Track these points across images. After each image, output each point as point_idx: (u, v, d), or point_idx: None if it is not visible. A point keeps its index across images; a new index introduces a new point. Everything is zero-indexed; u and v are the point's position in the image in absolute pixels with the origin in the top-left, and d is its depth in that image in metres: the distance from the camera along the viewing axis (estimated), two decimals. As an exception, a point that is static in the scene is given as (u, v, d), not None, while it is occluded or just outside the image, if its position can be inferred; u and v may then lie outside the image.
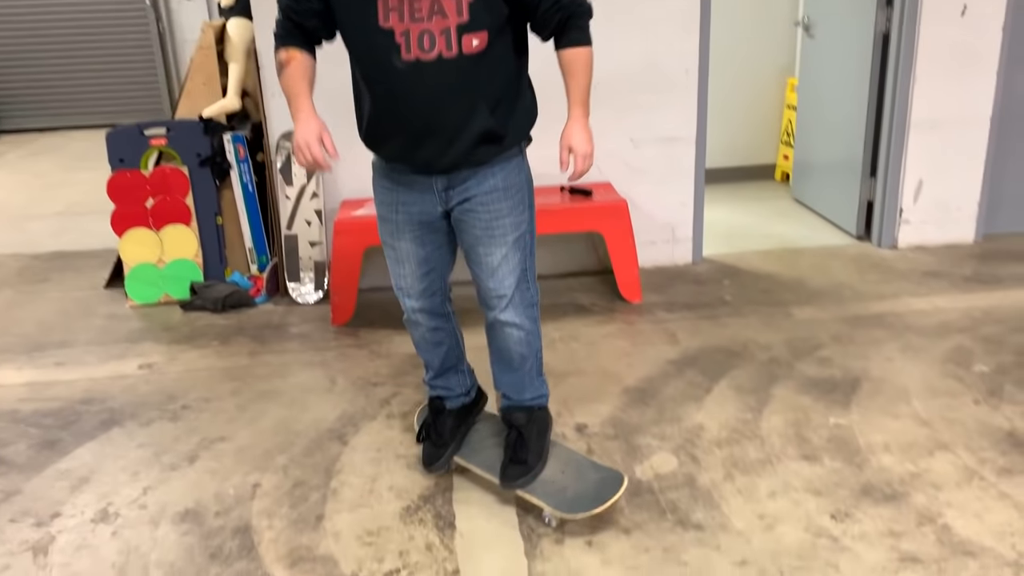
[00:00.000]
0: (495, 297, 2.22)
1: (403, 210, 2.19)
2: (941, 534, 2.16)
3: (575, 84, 2.10)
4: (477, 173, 2.11)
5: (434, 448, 2.46)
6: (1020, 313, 3.48)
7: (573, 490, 2.26)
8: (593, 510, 2.18)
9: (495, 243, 2.16)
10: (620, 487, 2.23)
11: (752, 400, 2.86)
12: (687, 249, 4.15)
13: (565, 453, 2.44)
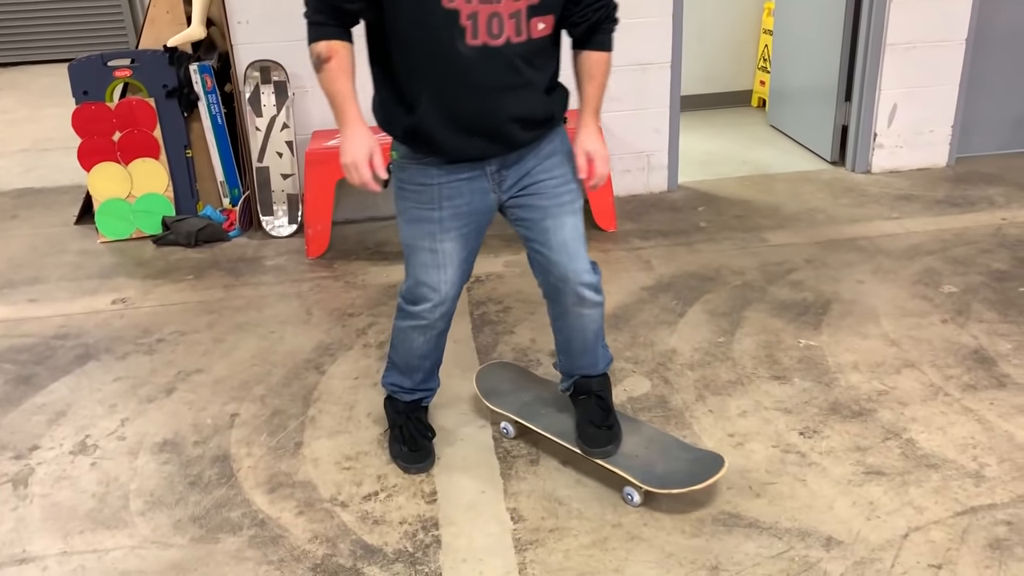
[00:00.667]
0: (577, 275, 1.99)
1: (448, 206, 1.94)
2: (906, 448, 2.22)
3: (594, 89, 1.96)
4: (531, 146, 1.95)
5: (423, 444, 2.25)
6: (989, 235, 3.52)
7: (662, 467, 2.08)
8: (687, 488, 2.00)
9: (564, 211, 1.97)
10: (719, 469, 2.03)
11: (725, 324, 2.90)
12: (662, 177, 4.14)
13: (650, 431, 2.24)
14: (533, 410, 2.32)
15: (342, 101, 1.84)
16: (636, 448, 2.16)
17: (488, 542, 1.98)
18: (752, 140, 4.96)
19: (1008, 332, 2.76)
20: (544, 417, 2.29)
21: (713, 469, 2.03)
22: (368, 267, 3.49)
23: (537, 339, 2.86)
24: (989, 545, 1.88)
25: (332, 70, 1.82)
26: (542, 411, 2.31)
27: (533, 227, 1.99)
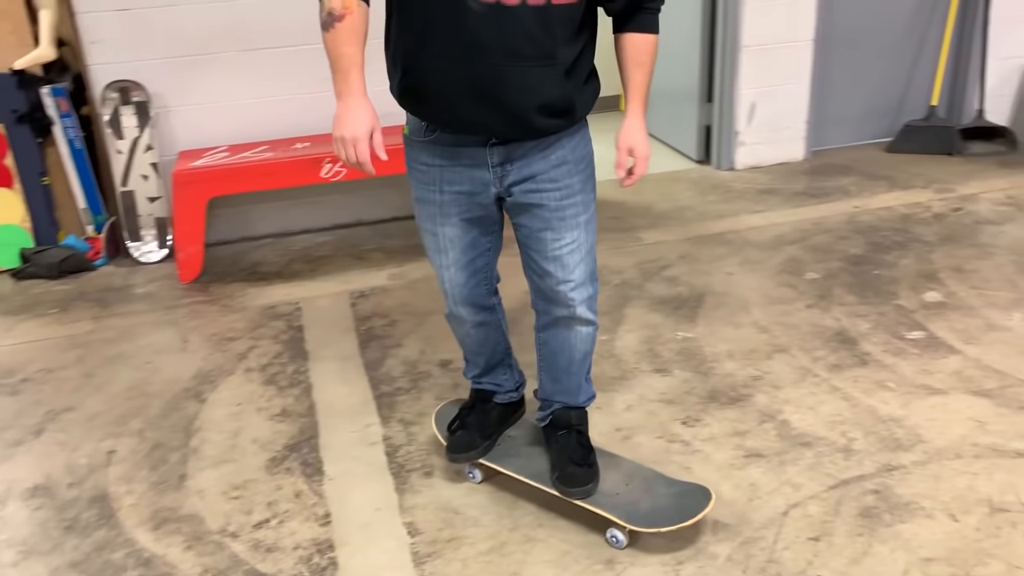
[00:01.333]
0: (567, 291, 1.89)
1: (448, 190, 1.85)
2: (781, 429, 2.34)
3: (639, 76, 1.84)
4: (541, 144, 1.79)
5: (472, 437, 2.14)
6: (844, 222, 3.75)
7: (647, 504, 1.96)
8: (677, 525, 1.88)
9: (566, 226, 1.83)
10: (707, 502, 1.93)
11: (607, 322, 2.98)
12: (539, 182, 4.21)
13: (629, 465, 2.11)
14: (501, 450, 2.17)
15: (347, 66, 1.67)
16: (616, 485, 2.03)
17: (385, 559, 1.96)
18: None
19: (866, 313, 2.95)
20: (515, 458, 2.14)
21: (701, 502, 1.93)
22: (245, 289, 3.39)
23: (426, 350, 2.85)
24: (860, 514, 2.01)
25: (343, 30, 1.65)
26: (511, 451, 2.17)
27: (531, 236, 1.88)
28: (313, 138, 3.71)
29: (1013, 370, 2.54)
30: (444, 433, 2.22)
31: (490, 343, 2.14)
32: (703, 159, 4.66)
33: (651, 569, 1.88)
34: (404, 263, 3.56)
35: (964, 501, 2.03)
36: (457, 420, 2.19)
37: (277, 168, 3.44)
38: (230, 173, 3.42)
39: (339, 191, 3.93)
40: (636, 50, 1.84)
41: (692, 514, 1.90)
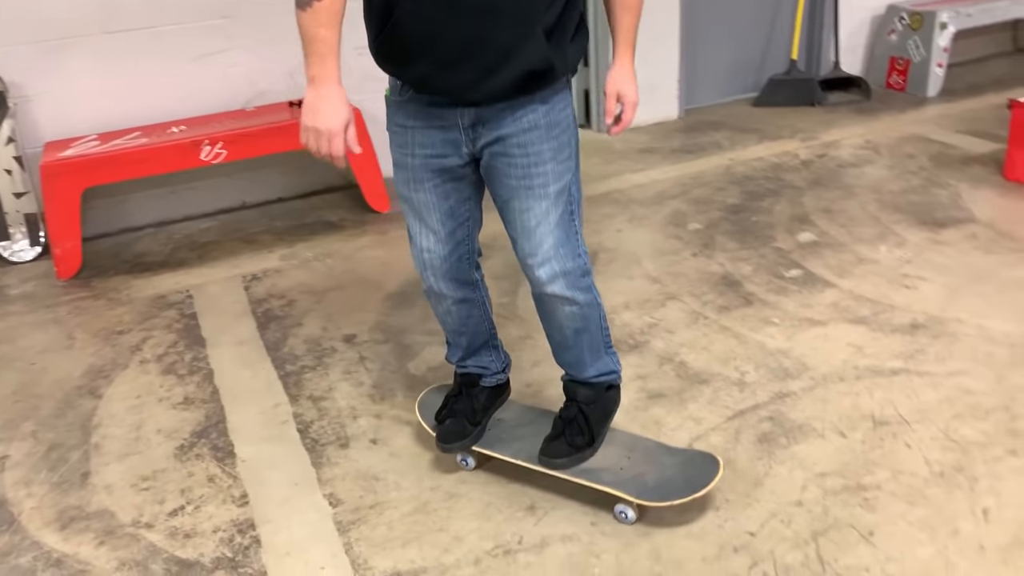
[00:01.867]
0: (533, 265, 1.81)
1: (419, 153, 1.77)
2: (679, 370, 2.46)
3: (628, 20, 1.80)
4: (513, 106, 1.69)
5: (463, 425, 2.05)
6: (721, 174, 3.93)
7: (653, 477, 1.91)
8: (688, 497, 1.84)
9: (534, 195, 1.74)
10: (716, 470, 1.89)
11: (507, 285, 3.03)
12: (426, 154, 4.21)
13: (628, 438, 2.06)
14: (493, 435, 2.09)
15: (324, 51, 1.57)
16: (618, 460, 1.97)
17: (309, 531, 1.96)
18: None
19: (747, 256, 3.11)
20: (509, 442, 2.06)
21: (709, 471, 1.90)
22: (130, 281, 3.27)
23: (328, 327, 2.83)
24: (758, 440, 2.14)
25: (322, 11, 1.54)
26: (503, 435, 2.09)
27: (502, 206, 1.81)
28: (189, 121, 3.59)
29: (883, 297, 2.75)
30: (431, 423, 2.14)
31: (472, 321, 2.04)
32: (584, 123, 4.76)
33: (570, 511, 1.95)
34: (295, 243, 3.51)
35: (850, 419, 2.20)
36: (445, 408, 2.11)
37: (153, 154, 3.31)
38: (103, 162, 3.27)
39: (220, 174, 3.82)
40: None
41: (702, 484, 1.86)
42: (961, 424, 2.15)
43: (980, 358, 2.41)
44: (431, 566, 1.83)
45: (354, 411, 2.38)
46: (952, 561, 1.75)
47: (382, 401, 2.42)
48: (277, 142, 3.46)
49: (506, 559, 1.83)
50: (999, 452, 2.05)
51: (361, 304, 2.97)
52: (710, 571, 1.77)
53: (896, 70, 5.03)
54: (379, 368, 2.58)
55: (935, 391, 2.28)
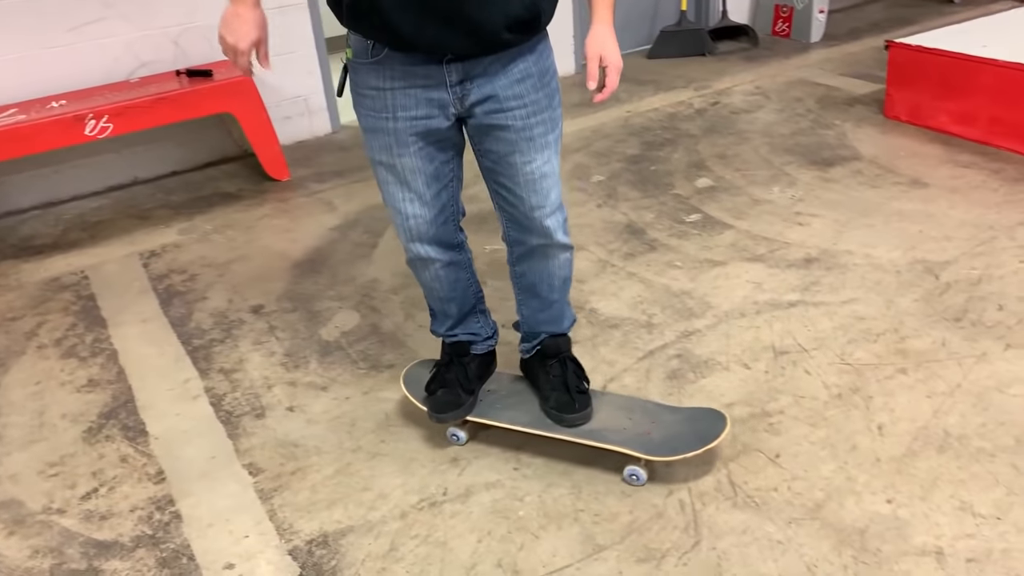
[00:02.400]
0: (540, 217, 1.77)
1: (403, 116, 1.67)
2: (591, 317, 2.51)
3: None
4: (503, 58, 1.63)
5: (456, 395, 1.98)
6: (620, 127, 3.99)
7: (658, 434, 1.89)
8: (700, 449, 1.82)
9: (535, 146, 1.70)
10: (723, 423, 1.88)
11: (414, 245, 3.02)
12: (324, 119, 4.13)
13: (625, 400, 2.04)
14: (485, 406, 2.03)
15: None
16: (620, 421, 1.94)
17: (231, 502, 1.94)
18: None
19: (649, 205, 3.19)
20: (504, 410, 2.01)
21: (717, 424, 1.88)
22: (19, 265, 3.12)
23: (234, 299, 2.78)
24: (668, 377, 2.22)
25: None
26: (496, 404, 2.04)
27: (499, 161, 1.73)
28: (71, 95, 3.41)
29: (778, 235, 2.87)
30: (421, 396, 2.06)
31: (461, 285, 1.98)
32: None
33: (492, 459, 1.99)
34: (193, 216, 3.40)
35: (752, 351, 2.30)
36: (435, 379, 2.03)
37: (33, 131, 3.14)
38: (-23, 141, 3.09)
39: (109, 150, 3.66)
40: None
41: (712, 436, 1.85)
42: (855, 348, 2.28)
43: (870, 286, 2.55)
44: (357, 524, 1.84)
45: (268, 381, 2.35)
46: (852, 475, 1.86)
47: (296, 369, 2.40)
48: (166, 113, 3.33)
49: (432, 511, 1.86)
50: (890, 371, 2.18)
51: (266, 274, 2.92)
52: (630, 502, 1.83)
53: (781, 17, 5.18)
54: (290, 336, 2.55)
55: (830, 319, 2.40)
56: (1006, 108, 3.32)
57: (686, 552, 1.70)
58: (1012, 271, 2.55)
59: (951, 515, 1.74)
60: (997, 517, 1.72)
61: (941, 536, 1.69)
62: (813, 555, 1.67)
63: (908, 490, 1.81)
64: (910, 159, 3.38)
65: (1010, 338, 2.26)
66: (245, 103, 3.49)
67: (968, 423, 1.98)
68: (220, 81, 3.45)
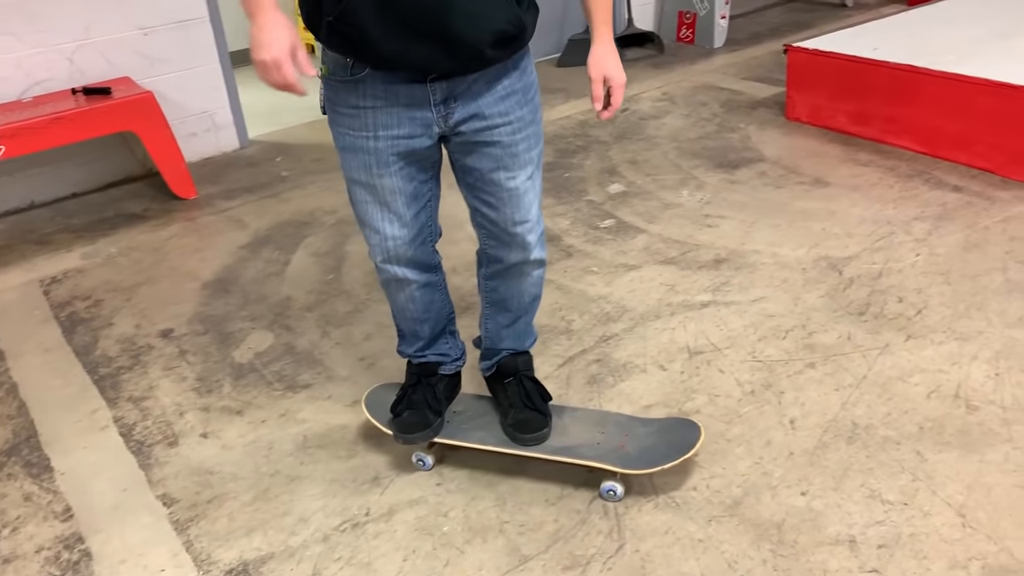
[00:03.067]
0: (523, 232, 1.75)
1: (384, 136, 1.63)
2: (509, 326, 2.51)
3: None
4: (488, 75, 1.60)
5: (424, 416, 1.93)
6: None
7: (633, 447, 1.87)
8: (676, 460, 1.80)
9: (519, 162, 1.69)
10: (696, 433, 1.87)
11: (330, 261, 2.98)
12: (231, 134, 4.04)
13: (597, 415, 2.01)
14: (453, 427, 1.98)
15: None
16: (592, 436, 1.91)
17: (145, 535, 1.87)
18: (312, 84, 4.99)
19: (564, 212, 3.22)
20: (473, 431, 1.96)
21: (690, 433, 1.88)
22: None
23: (142, 324, 2.68)
24: (588, 382, 2.24)
25: None
26: (464, 425, 1.98)
27: (482, 178, 1.70)
28: (-45, 116, 3.25)
29: (688, 238, 2.93)
30: (387, 418, 1.98)
31: (435, 307, 1.94)
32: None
33: (415, 476, 1.97)
34: (96, 240, 3.28)
35: (668, 352, 2.34)
36: (402, 400, 1.98)
37: (-84, 155, 2.98)
38: None
39: (2, 173, 3.49)
40: None
41: (687, 446, 1.83)
42: (766, 345, 2.34)
43: (777, 284, 2.63)
44: (278, 551, 1.80)
45: (179, 407, 2.28)
46: (768, 470, 1.91)
47: (209, 394, 2.33)
48: (63, 134, 3.20)
49: (355, 532, 1.83)
50: (799, 367, 2.25)
51: (175, 296, 2.83)
52: (555, 511, 1.84)
53: (684, 24, 5.31)
54: (202, 360, 2.48)
55: (741, 318, 2.47)
56: (898, 108, 3.48)
57: (610, 557, 1.72)
58: (910, 264, 2.67)
59: (862, 503, 1.80)
60: (904, 503, 1.79)
61: (853, 525, 1.75)
62: (733, 551, 1.71)
63: (821, 482, 1.87)
64: (812, 159, 3.50)
65: (910, 329, 2.36)
66: (147, 121, 3.39)
67: (874, 413, 2.06)
68: (120, 99, 3.33)
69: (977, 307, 2.42)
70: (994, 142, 3.17)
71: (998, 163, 3.19)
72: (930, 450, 1.93)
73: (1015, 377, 2.13)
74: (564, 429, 1.93)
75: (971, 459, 1.89)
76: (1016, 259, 2.64)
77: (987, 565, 1.64)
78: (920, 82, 3.37)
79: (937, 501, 1.79)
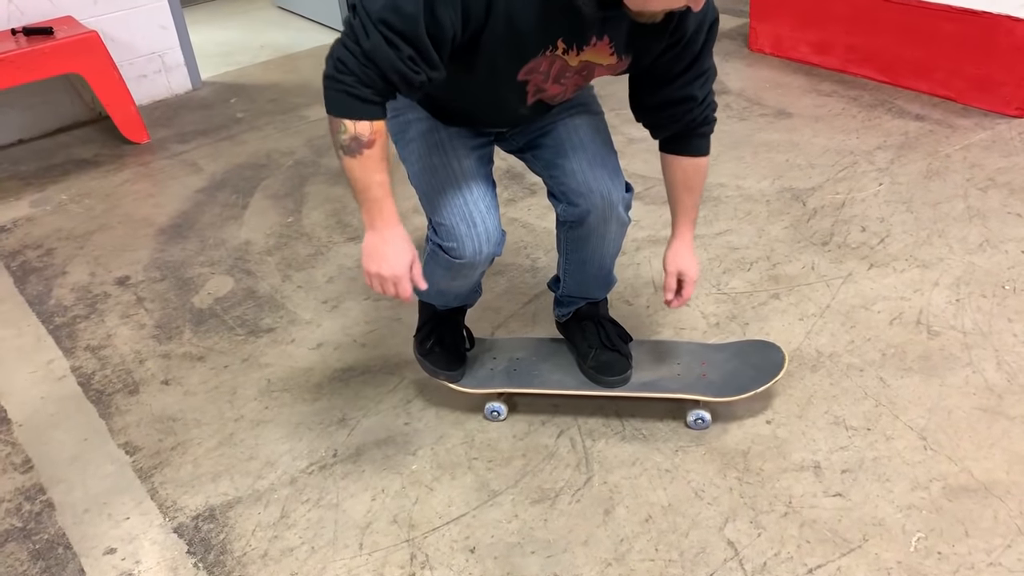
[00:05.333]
0: (610, 189, 1.70)
1: (451, 130, 1.67)
2: (473, 265, 2.49)
3: (690, 200, 1.73)
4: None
5: (460, 352, 1.92)
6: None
7: (715, 375, 1.86)
8: (764, 385, 1.81)
9: (582, 131, 1.73)
10: (779, 353, 1.88)
11: (289, 204, 2.91)
12: (183, 76, 3.90)
13: (669, 346, 1.98)
14: (522, 375, 1.91)
15: (382, 196, 1.43)
16: (670, 368, 1.90)
17: (107, 484, 1.84)
18: (264, 25, 4.86)
19: (528, 148, 3.17)
20: (547, 375, 1.91)
21: (773, 355, 1.89)
22: None
23: (97, 271, 2.61)
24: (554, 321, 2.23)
25: (372, 157, 1.39)
26: (533, 372, 1.92)
27: (556, 152, 1.71)
28: None
29: (653, 172, 2.89)
30: (431, 366, 1.91)
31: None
32: (350, 30, 4.58)
33: (382, 416, 1.96)
34: (46, 187, 3.17)
35: (633, 287, 2.33)
36: (432, 339, 1.91)
37: None
38: None
39: (-59, 120, 3.36)
40: (687, 175, 1.71)
41: (774, 367, 1.85)
42: (730, 278, 2.34)
43: (742, 216, 2.62)
44: (245, 495, 1.78)
45: (139, 355, 2.23)
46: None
47: (169, 340, 2.28)
48: (4, 77, 3.07)
49: (323, 474, 1.82)
50: (764, 298, 2.25)
51: (131, 243, 2.76)
52: (523, 446, 1.84)
53: (647, -45, 5.19)
54: (160, 307, 2.42)
55: (706, 251, 2.46)
56: (860, 36, 3.45)
57: (579, 489, 1.73)
58: (872, 194, 2.67)
59: (826, 430, 1.82)
60: (867, 428, 1.82)
61: (817, 451, 1.77)
62: (700, 480, 1.73)
63: (786, 410, 1.88)
64: (775, 91, 3.47)
65: (873, 258, 2.37)
66: (93, 62, 3.25)
67: (838, 341, 2.07)
68: (63, 39, 3.19)
69: (939, 234, 2.44)
70: (954, 69, 3.16)
71: (958, 90, 3.18)
72: (892, 376, 1.95)
73: (975, 302, 2.16)
74: (639, 363, 1.90)
75: (932, 383, 1.92)
76: (976, 186, 2.65)
77: (948, 485, 1.67)
78: (880, 9, 3.33)
79: (899, 425, 1.82)
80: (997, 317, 2.10)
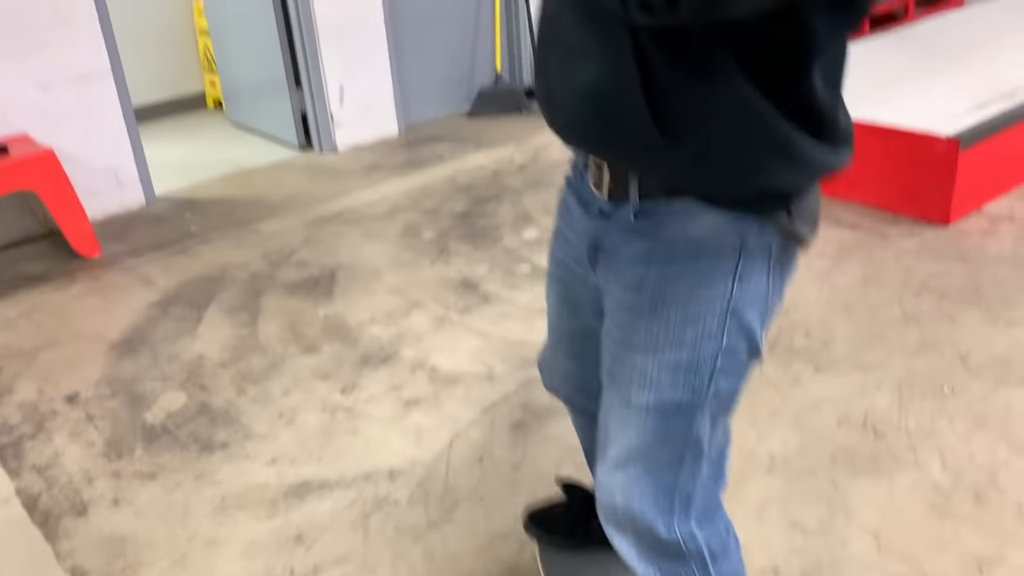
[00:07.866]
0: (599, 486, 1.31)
1: (561, 225, 1.39)
2: (431, 374, 2.51)
3: None
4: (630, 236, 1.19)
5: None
6: (446, 184, 4.06)
7: None
8: None
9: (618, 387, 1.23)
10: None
11: (244, 316, 2.92)
12: (137, 191, 3.94)
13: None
14: None
15: None
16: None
17: (52, 613, 1.77)
18: (220, 140, 4.95)
19: (480, 258, 3.25)
20: None
21: None
22: None
23: (45, 388, 2.56)
24: (513, 427, 2.24)
25: None
26: None
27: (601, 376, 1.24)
28: None
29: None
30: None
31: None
32: (305, 145, 4.70)
33: (338, 532, 1.93)
34: (-7, 303, 3.13)
35: (590, 394, 2.36)
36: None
37: None
38: None
39: None
40: None
41: None
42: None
43: (691, 323, 2.70)
44: (199, 619, 1.72)
45: (88, 474, 2.18)
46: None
47: (119, 459, 2.23)
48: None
49: (279, 594, 1.77)
50: (716, 402, 2.30)
51: (81, 359, 2.72)
52: (482, 560, 1.82)
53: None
54: (111, 424, 2.38)
55: (658, 358, 2.52)
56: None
57: (542, 602, 1.71)
58: (813, 298, 2.78)
59: (783, 533, 1.85)
60: (823, 531, 1.85)
61: (775, 554, 1.79)
62: (663, 588, 1.72)
63: (743, 514, 1.91)
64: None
65: (817, 361, 2.45)
66: (47, 180, 3.28)
67: (789, 445, 2.12)
68: (18, 157, 3.22)
69: (878, 337, 2.54)
70: (884, 181, 3.36)
71: (889, 200, 3.38)
72: (844, 477, 2.00)
73: (917, 404, 2.24)
74: None
75: (882, 484, 1.97)
76: (911, 291, 2.79)
77: (903, 586, 1.70)
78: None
79: (853, 527, 1.85)
80: (939, 417, 2.18)
